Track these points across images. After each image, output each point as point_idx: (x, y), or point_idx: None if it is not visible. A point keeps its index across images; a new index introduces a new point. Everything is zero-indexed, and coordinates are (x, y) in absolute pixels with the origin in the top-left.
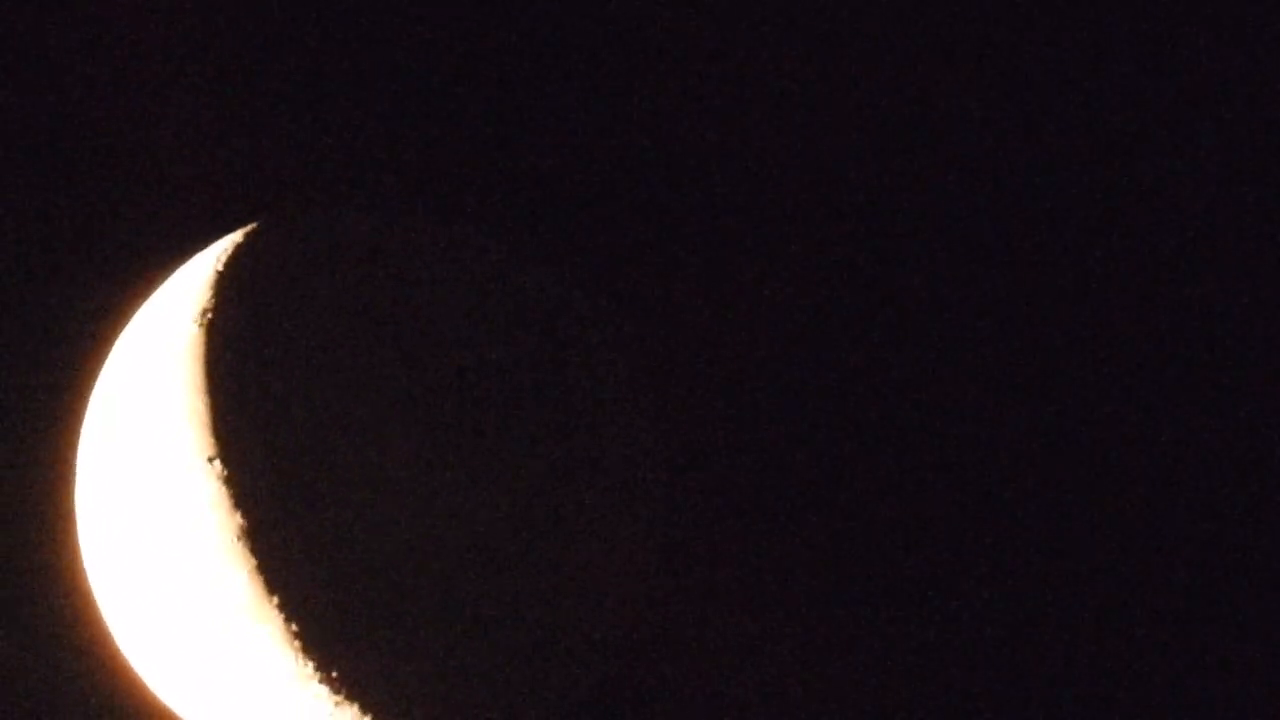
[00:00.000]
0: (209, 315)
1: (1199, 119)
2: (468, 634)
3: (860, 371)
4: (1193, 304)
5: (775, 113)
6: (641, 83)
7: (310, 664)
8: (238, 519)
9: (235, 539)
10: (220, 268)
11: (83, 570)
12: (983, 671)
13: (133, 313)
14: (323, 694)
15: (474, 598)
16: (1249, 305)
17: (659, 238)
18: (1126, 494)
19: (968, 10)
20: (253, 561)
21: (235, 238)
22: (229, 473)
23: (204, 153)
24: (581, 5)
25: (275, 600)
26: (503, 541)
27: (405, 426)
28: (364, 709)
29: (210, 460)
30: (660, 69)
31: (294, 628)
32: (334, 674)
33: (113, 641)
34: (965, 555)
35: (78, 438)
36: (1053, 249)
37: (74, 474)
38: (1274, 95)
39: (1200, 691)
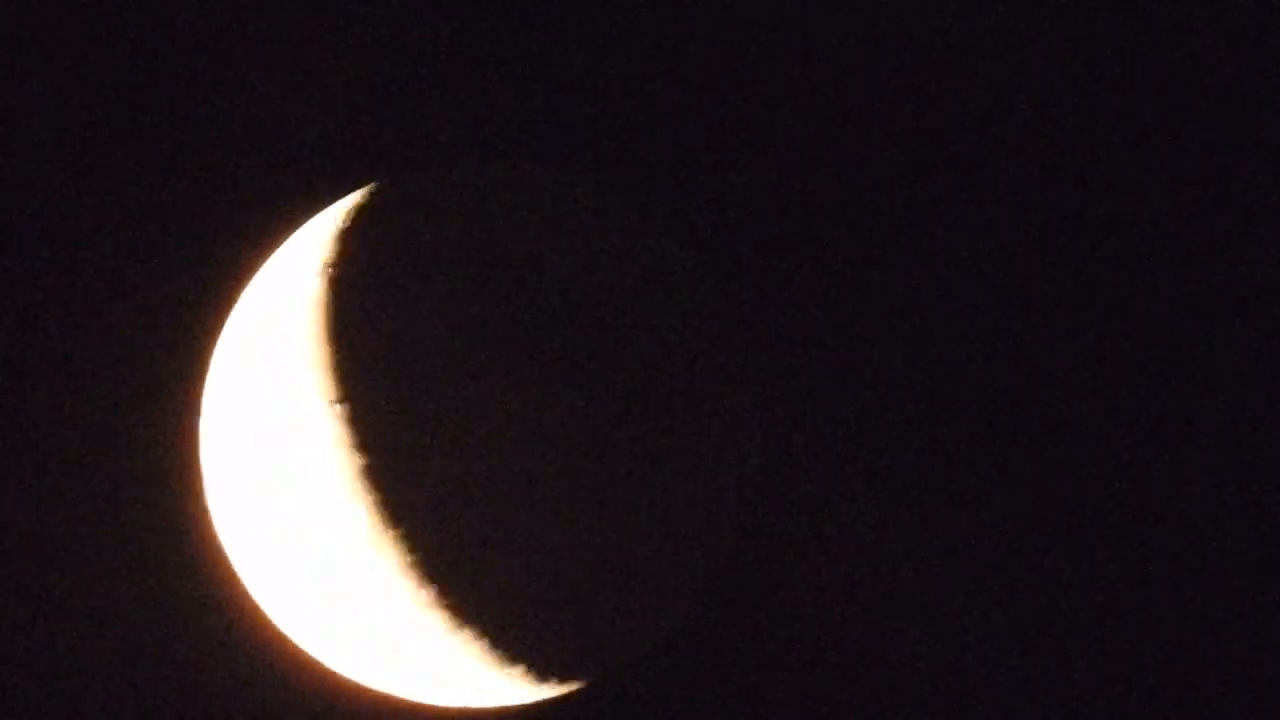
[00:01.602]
0: (331, 268)
1: (1199, 119)
2: (569, 564)
3: (943, 328)
4: (1193, 303)
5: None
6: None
7: (429, 592)
8: (359, 459)
9: (357, 477)
10: (342, 224)
11: (207, 507)
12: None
13: (261, 264)
14: (440, 619)
15: (574, 531)
16: (1249, 305)
17: (748, 194)
18: (1126, 494)
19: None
20: (374, 497)
21: (355, 197)
22: (352, 415)
23: (329, 120)
24: None
25: (395, 534)
26: (601, 479)
27: (513, 371)
28: (477, 634)
29: (334, 403)
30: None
31: (412, 559)
32: (450, 601)
33: (235, 575)
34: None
35: (207, 380)
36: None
37: (200, 418)
38: (1274, 95)
39: (1201, 691)
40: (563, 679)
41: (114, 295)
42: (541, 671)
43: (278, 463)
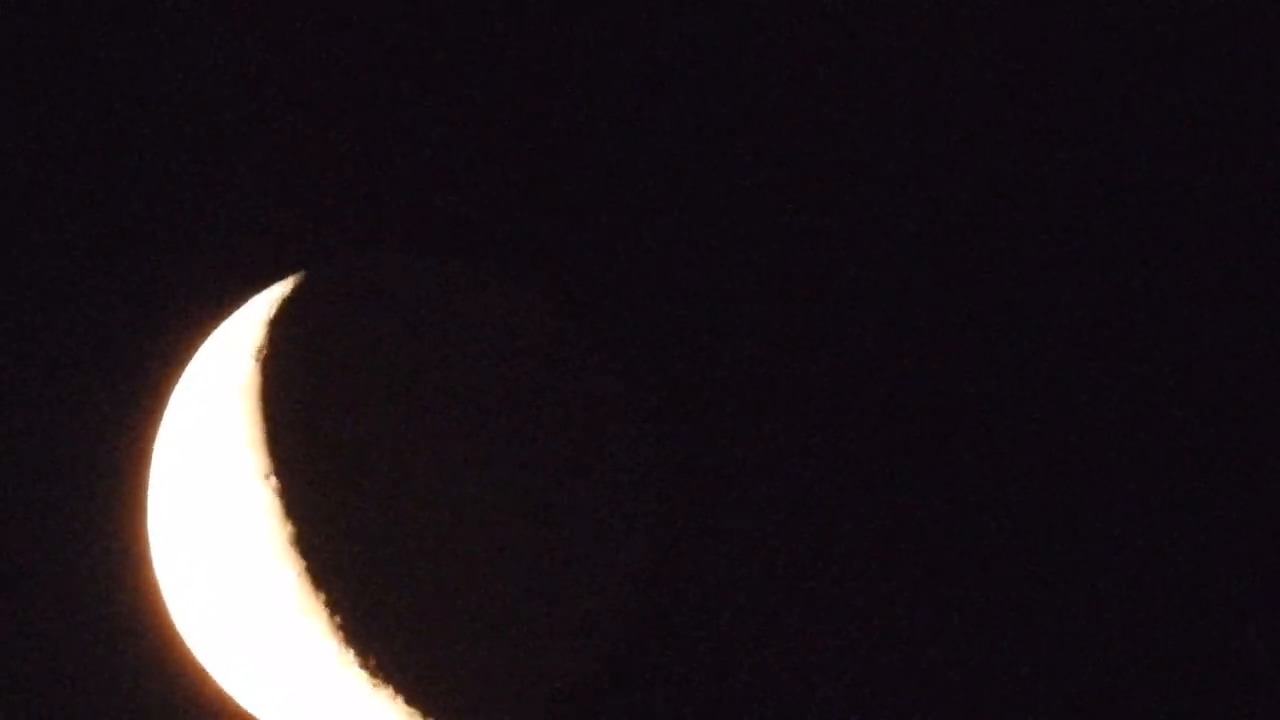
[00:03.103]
0: (264, 352)
1: (1199, 119)
2: (485, 624)
3: (851, 372)
4: (1193, 303)
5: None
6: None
7: (351, 651)
8: (289, 527)
9: (287, 544)
10: (272, 311)
11: (153, 570)
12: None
13: (196, 350)
14: (362, 678)
15: (490, 592)
16: (1249, 305)
17: (645, 255)
18: (1125, 495)
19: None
20: (302, 564)
21: (285, 284)
22: (282, 486)
23: (260, 210)
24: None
25: (321, 597)
26: (514, 541)
27: (431, 445)
28: (396, 690)
29: (266, 477)
30: (645, 77)
31: (337, 620)
32: (371, 661)
33: (177, 632)
34: (957, 552)
35: (150, 458)
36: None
37: (147, 488)
38: (1274, 95)
39: (1201, 691)
40: None
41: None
42: None
43: (215, 530)
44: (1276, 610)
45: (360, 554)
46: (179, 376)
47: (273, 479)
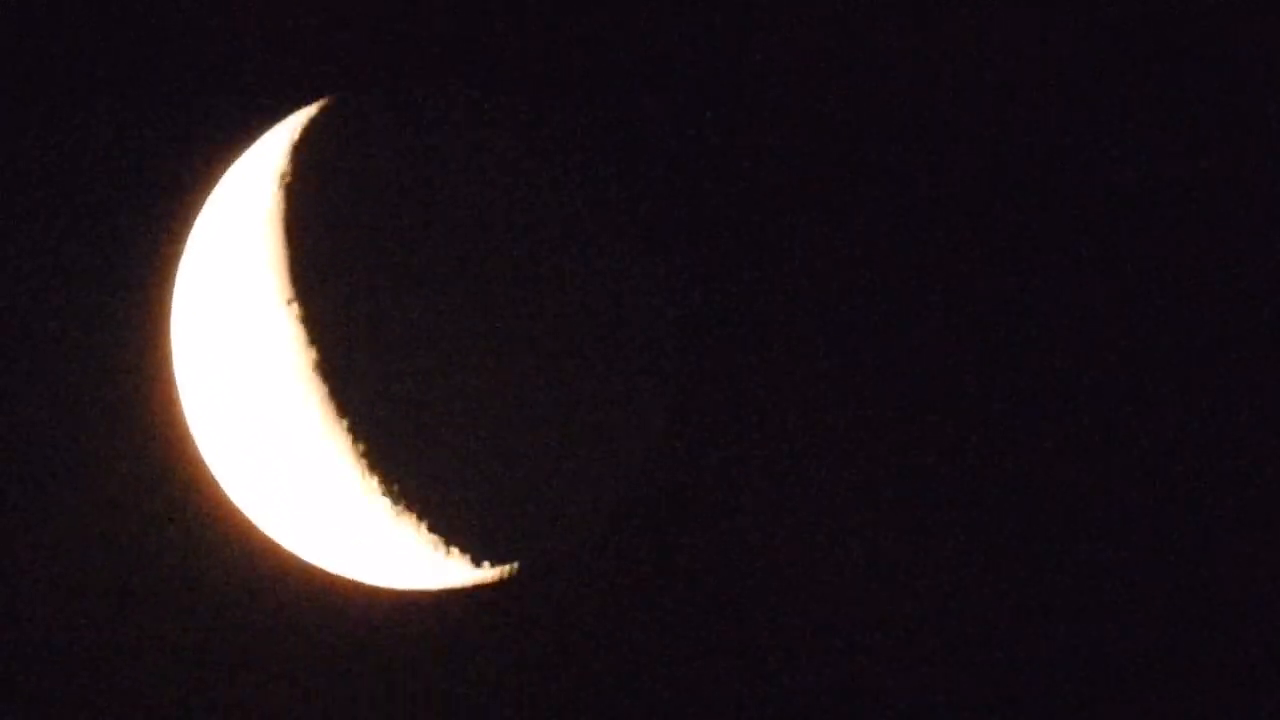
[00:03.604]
0: (287, 178)
1: (1199, 119)
2: (507, 453)
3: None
4: (1193, 303)
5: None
6: None
7: (374, 479)
8: (312, 353)
9: (310, 371)
10: (298, 136)
11: (176, 397)
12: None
13: (220, 177)
14: (384, 505)
15: (513, 421)
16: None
17: (684, 91)
18: (1125, 496)
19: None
20: (324, 390)
21: (310, 110)
22: (305, 313)
23: (287, 33)
24: None
25: (344, 424)
26: (539, 369)
27: (456, 273)
28: (419, 518)
29: (288, 303)
30: None
31: (360, 448)
32: (395, 488)
33: (200, 459)
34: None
35: (174, 283)
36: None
37: (170, 314)
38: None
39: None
40: (497, 561)
41: (81, 205)
42: (477, 554)
43: (240, 360)
44: (1277, 610)
45: (384, 381)
46: (204, 201)
47: (296, 305)
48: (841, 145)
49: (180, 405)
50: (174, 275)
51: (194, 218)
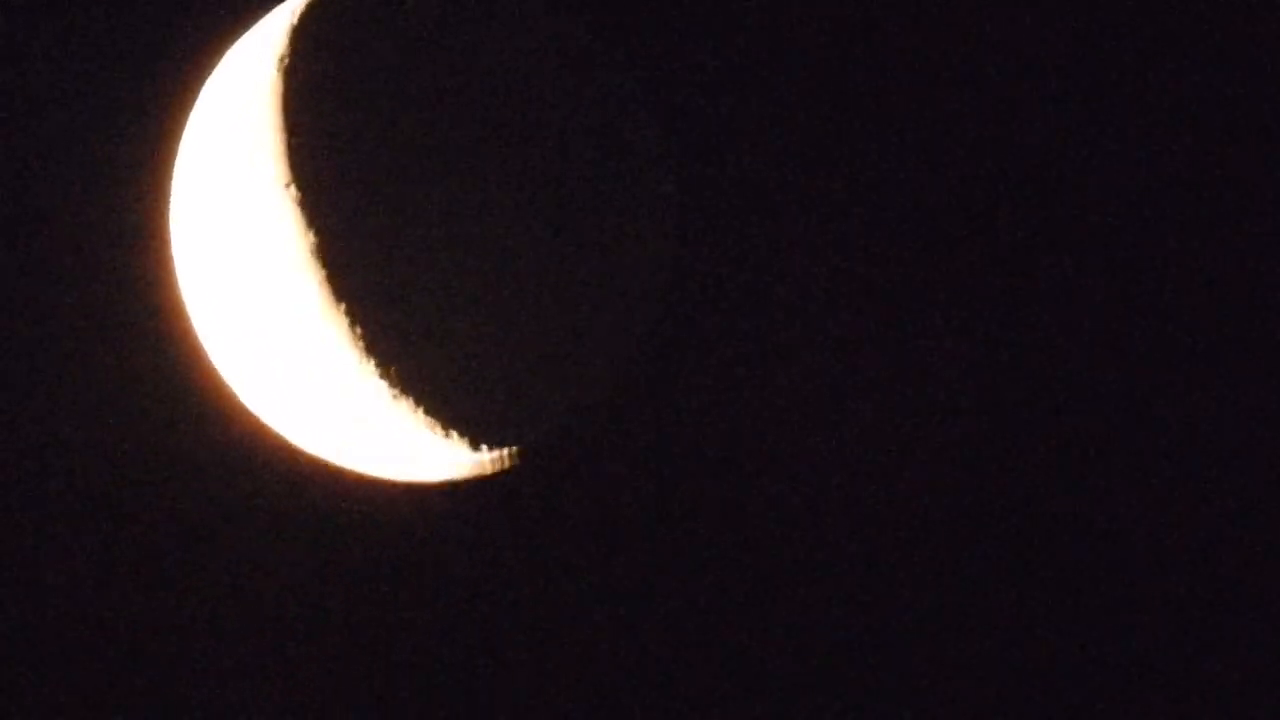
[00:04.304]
0: (286, 61)
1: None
2: (505, 336)
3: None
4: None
5: None
6: None
7: (371, 362)
8: (310, 237)
9: (308, 254)
10: (296, 18)
11: (175, 280)
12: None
13: (220, 58)
14: (382, 388)
15: (510, 305)
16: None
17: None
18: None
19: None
20: (322, 273)
21: None
22: (302, 197)
23: None
24: None
25: (342, 307)
26: (535, 253)
27: (452, 156)
28: (416, 401)
29: (286, 186)
30: None
31: (358, 331)
32: (391, 371)
33: (198, 344)
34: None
35: (174, 166)
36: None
37: (170, 196)
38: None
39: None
40: (495, 445)
41: (80, 87)
42: (475, 437)
43: (239, 243)
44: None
45: (381, 265)
46: (203, 84)
47: (293, 189)
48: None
49: (179, 288)
50: (173, 158)
51: (193, 101)
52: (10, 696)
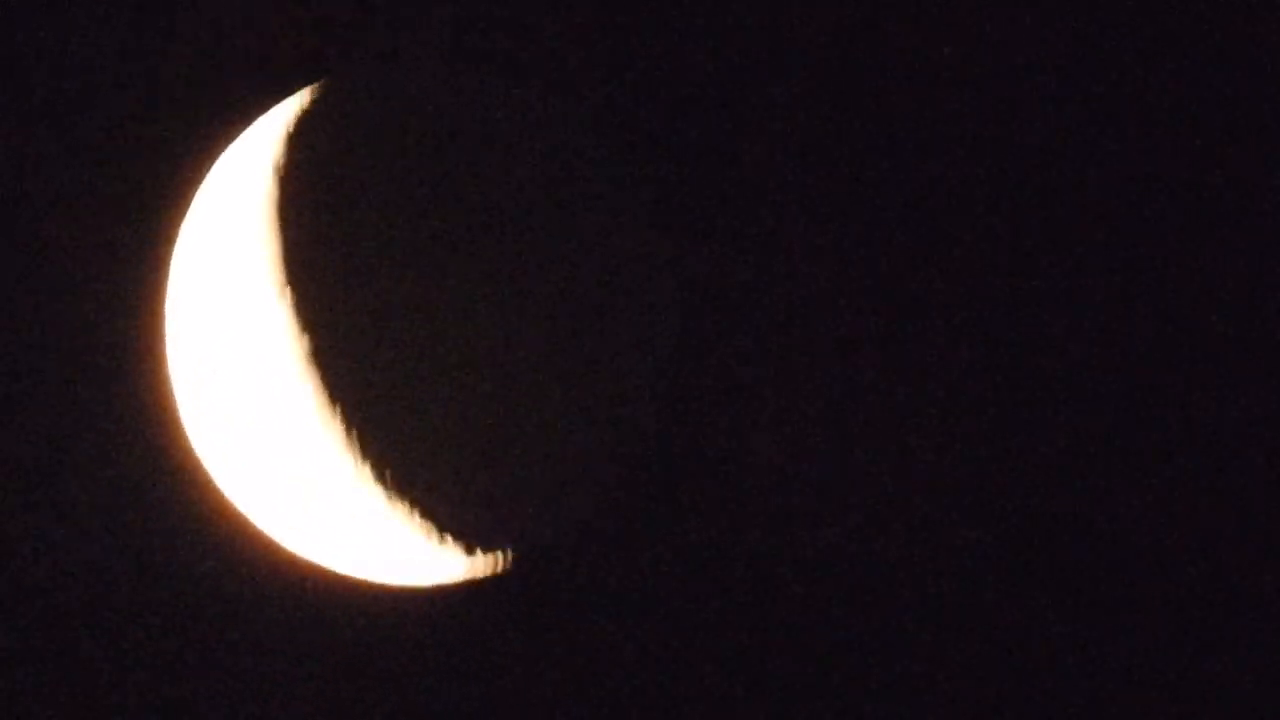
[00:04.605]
0: (282, 163)
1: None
2: (502, 441)
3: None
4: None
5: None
6: None
7: (367, 466)
8: (305, 341)
9: (303, 359)
10: (291, 122)
11: (169, 383)
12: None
13: (214, 164)
14: (378, 493)
15: (507, 409)
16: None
17: (671, 68)
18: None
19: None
20: (317, 378)
21: (302, 96)
22: (298, 300)
23: (279, 17)
24: None
25: (337, 412)
26: (532, 357)
27: (449, 259)
28: (413, 506)
29: (281, 290)
30: None
31: (353, 435)
32: (387, 475)
33: (191, 446)
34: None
35: (168, 272)
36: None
37: (164, 304)
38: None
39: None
40: (490, 550)
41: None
42: (470, 543)
43: (234, 347)
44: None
45: (377, 368)
46: (198, 188)
47: (289, 292)
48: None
49: (173, 393)
50: (168, 263)
51: (188, 204)
52: None
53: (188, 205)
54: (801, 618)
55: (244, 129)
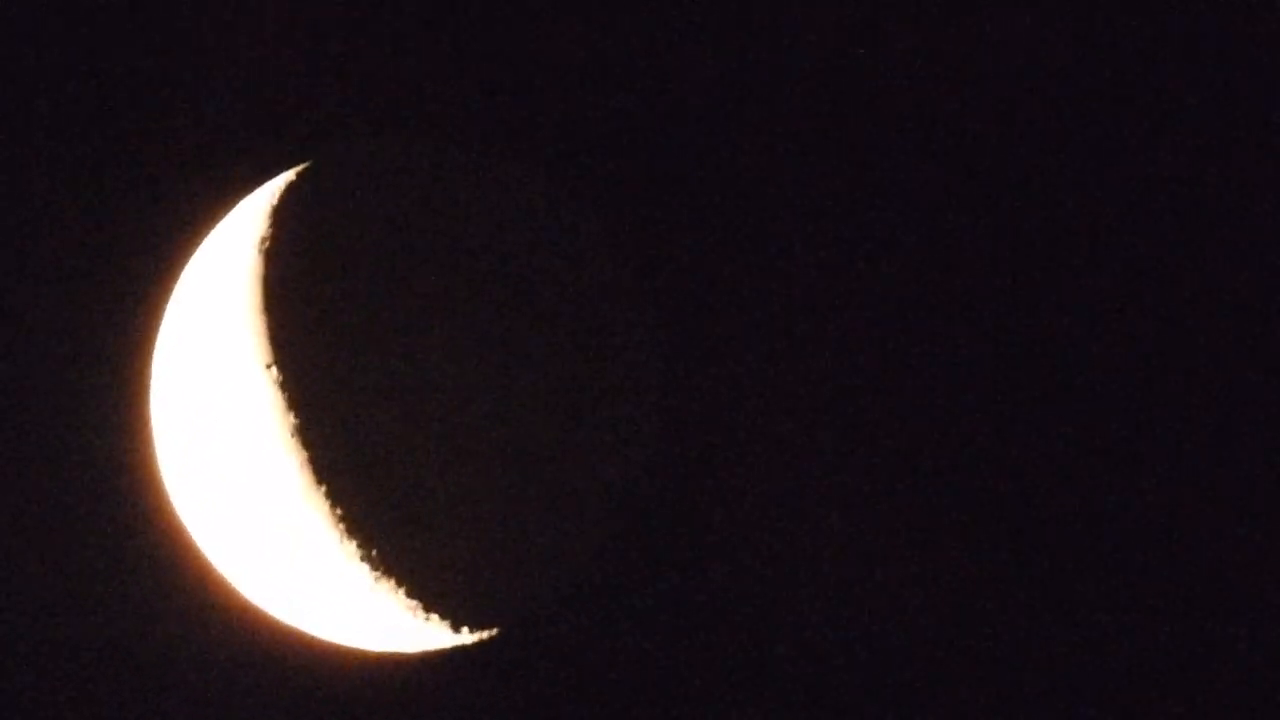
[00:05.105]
0: (267, 243)
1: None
2: (486, 518)
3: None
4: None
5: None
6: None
7: (353, 543)
8: (291, 418)
9: (289, 436)
10: (276, 201)
11: (156, 460)
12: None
13: (201, 242)
14: (364, 570)
15: (491, 486)
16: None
17: (659, 155)
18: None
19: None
20: (303, 455)
21: (288, 175)
22: (283, 378)
23: (264, 101)
24: None
25: (323, 489)
26: (516, 433)
27: (434, 336)
28: (398, 583)
29: (268, 367)
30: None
31: (339, 513)
32: (373, 553)
33: (180, 522)
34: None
35: (154, 350)
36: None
37: (150, 380)
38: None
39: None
40: (476, 627)
41: (62, 272)
42: (456, 620)
43: (220, 423)
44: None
45: (362, 445)
46: (184, 266)
47: (275, 370)
48: (824, 168)
49: (160, 469)
50: (155, 339)
51: (175, 282)
52: None
53: (175, 282)
54: (785, 688)
55: (232, 207)
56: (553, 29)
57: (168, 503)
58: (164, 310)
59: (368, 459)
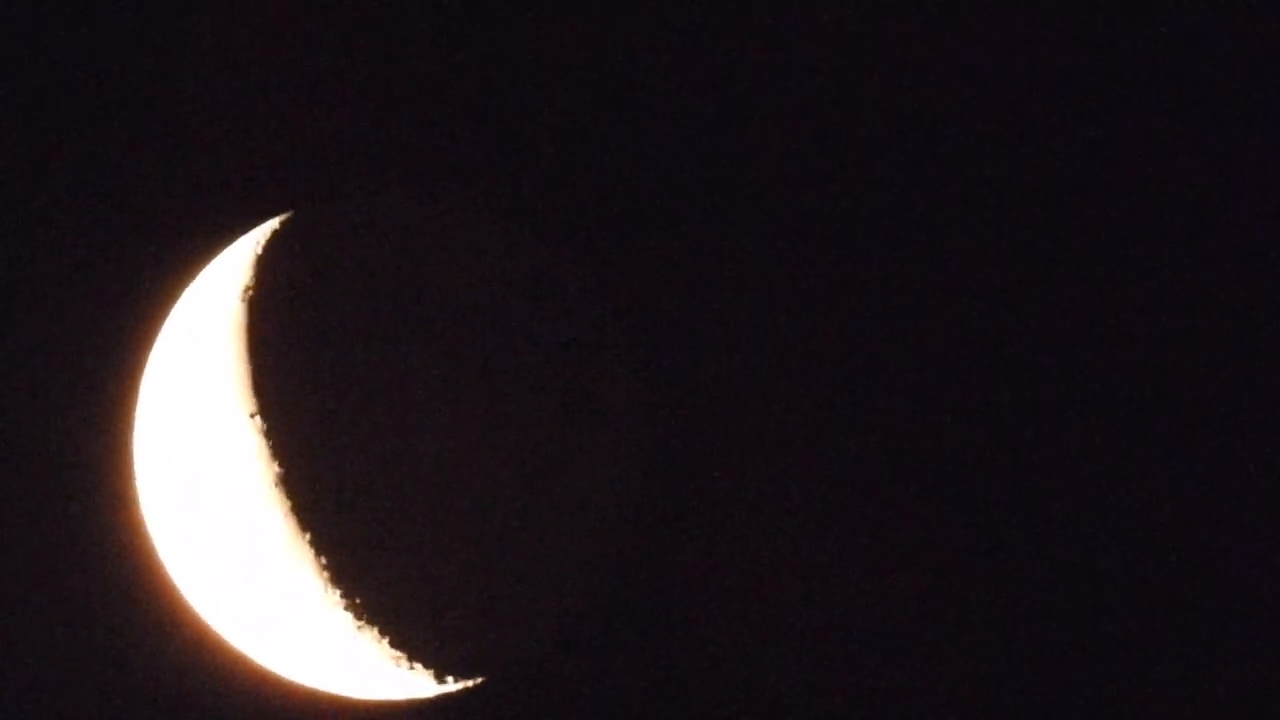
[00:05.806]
0: (250, 291)
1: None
2: (470, 568)
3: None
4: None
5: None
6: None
7: (336, 592)
8: (275, 467)
9: (273, 484)
10: (260, 250)
11: (139, 509)
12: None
13: (184, 290)
14: (347, 619)
15: (476, 536)
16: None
17: (645, 220)
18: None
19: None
20: (287, 504)
21: (272, 224)
22: (267, 427)
23: (247, 150)
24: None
25: (307, 538)
26: (501, 483)
27: (417, 385)
28: (381, 632)
29: (251, 416)
30: (663, 64)
31: (323, 561)
32: (357, 601)
33: (164, 570)
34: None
35: (137, 398)
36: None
37: (134, 429)
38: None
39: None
40: (460, 677)
41: (45, 321)
42: (440, 670)
43: (204, 472)
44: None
45: (346, 494)
46: (167, 316)
47: (259, 419)
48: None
49: (145, 518)
50: (138, 389)
51: (158, 331)
52: None
53: (158, 331)
54: None
55: (215, 256)
56: (540, 79)
57: (153, 551)
58: (148, 359)
59: (351, 508)
